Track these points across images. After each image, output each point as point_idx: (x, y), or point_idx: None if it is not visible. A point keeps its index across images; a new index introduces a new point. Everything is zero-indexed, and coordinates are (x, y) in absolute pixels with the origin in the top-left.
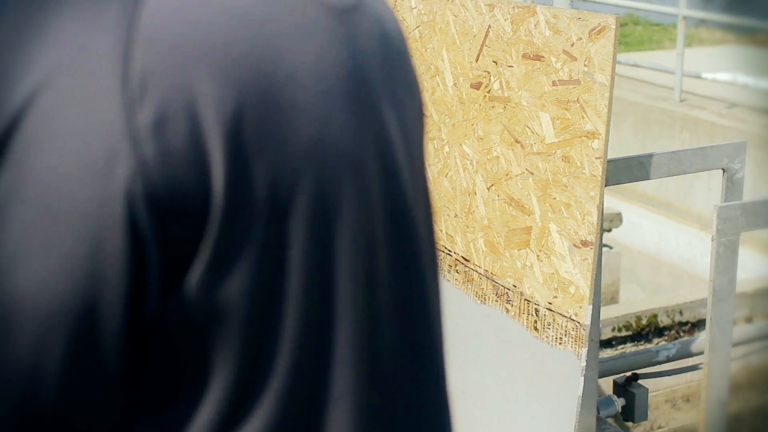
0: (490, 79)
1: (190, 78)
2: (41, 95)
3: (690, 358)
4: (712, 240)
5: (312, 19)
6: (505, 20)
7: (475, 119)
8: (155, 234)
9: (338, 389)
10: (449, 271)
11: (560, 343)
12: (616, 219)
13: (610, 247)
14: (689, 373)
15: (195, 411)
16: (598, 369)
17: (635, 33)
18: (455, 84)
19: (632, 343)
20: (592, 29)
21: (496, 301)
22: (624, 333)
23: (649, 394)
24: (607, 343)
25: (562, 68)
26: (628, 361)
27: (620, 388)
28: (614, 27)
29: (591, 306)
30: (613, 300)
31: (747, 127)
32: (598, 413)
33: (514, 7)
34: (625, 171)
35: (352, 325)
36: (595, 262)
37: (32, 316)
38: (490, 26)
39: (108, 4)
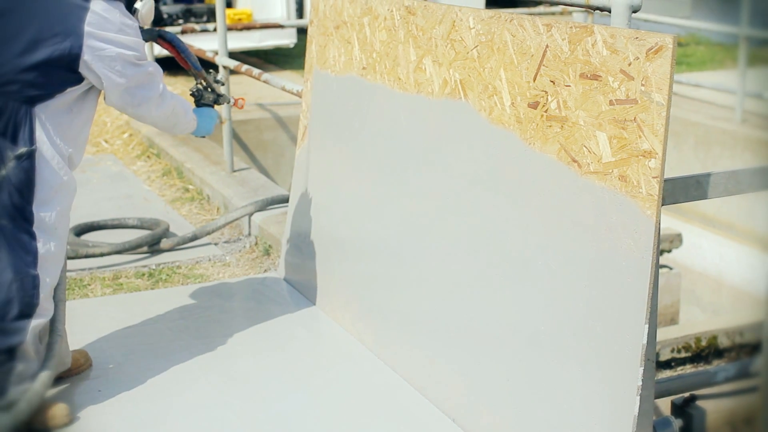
0: (547, 99)
1: None
2: None
3: (750, 380)
4: None
5: None
6: (563, 40)
7: (532, 138)
8: None
9: None
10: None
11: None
12: (677, 239)
13: (670, 268)
14: (750, 395)
15: None
16: (654, 389)
17: (697, 53)
18: (513, 103)
19: (692, 365)
20: (650, 49)
21: None
22: (683, 354)
23: (708, 416)
24: (666, 365)
25: (619, 88)
26: (686, 381)
27: (678, 410)
28: (671, 46)
29: (647, 325)
30: (673, 321)
31: None
32: None
33: (571, 27)
34: (682, 190)
35: None
36: (652, 281)
37: None
38: (547, 46)
39: None
